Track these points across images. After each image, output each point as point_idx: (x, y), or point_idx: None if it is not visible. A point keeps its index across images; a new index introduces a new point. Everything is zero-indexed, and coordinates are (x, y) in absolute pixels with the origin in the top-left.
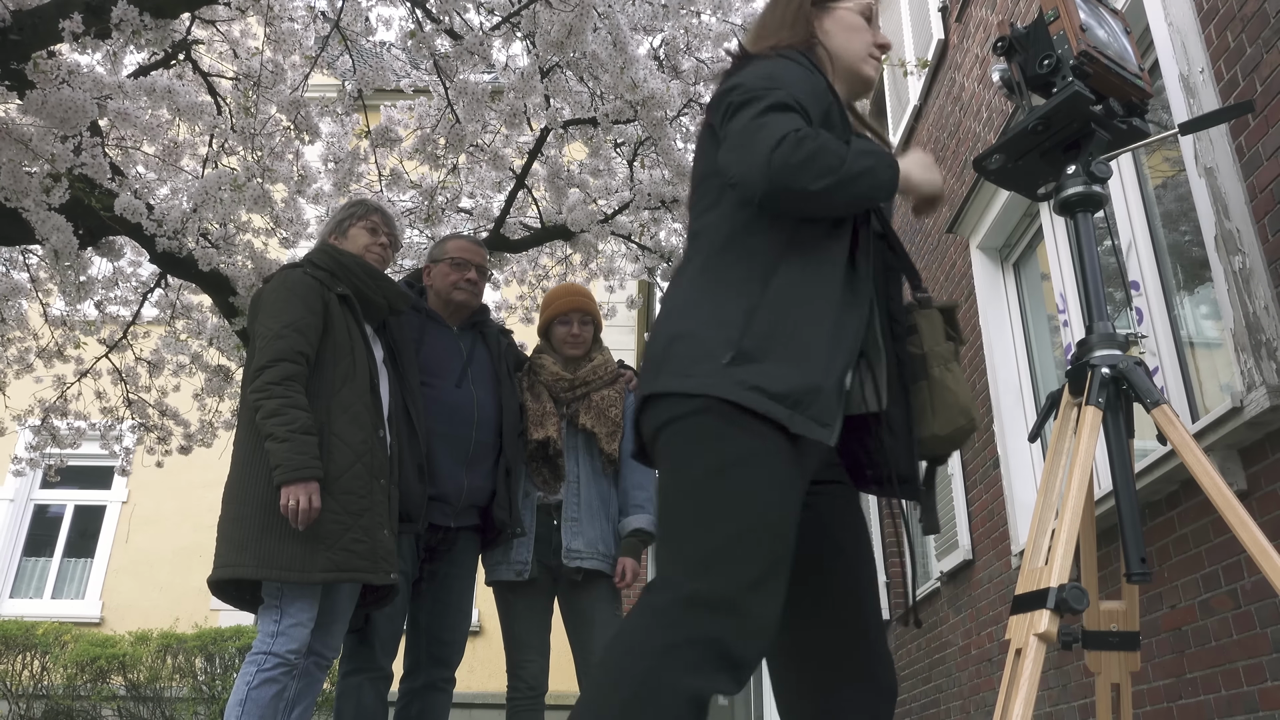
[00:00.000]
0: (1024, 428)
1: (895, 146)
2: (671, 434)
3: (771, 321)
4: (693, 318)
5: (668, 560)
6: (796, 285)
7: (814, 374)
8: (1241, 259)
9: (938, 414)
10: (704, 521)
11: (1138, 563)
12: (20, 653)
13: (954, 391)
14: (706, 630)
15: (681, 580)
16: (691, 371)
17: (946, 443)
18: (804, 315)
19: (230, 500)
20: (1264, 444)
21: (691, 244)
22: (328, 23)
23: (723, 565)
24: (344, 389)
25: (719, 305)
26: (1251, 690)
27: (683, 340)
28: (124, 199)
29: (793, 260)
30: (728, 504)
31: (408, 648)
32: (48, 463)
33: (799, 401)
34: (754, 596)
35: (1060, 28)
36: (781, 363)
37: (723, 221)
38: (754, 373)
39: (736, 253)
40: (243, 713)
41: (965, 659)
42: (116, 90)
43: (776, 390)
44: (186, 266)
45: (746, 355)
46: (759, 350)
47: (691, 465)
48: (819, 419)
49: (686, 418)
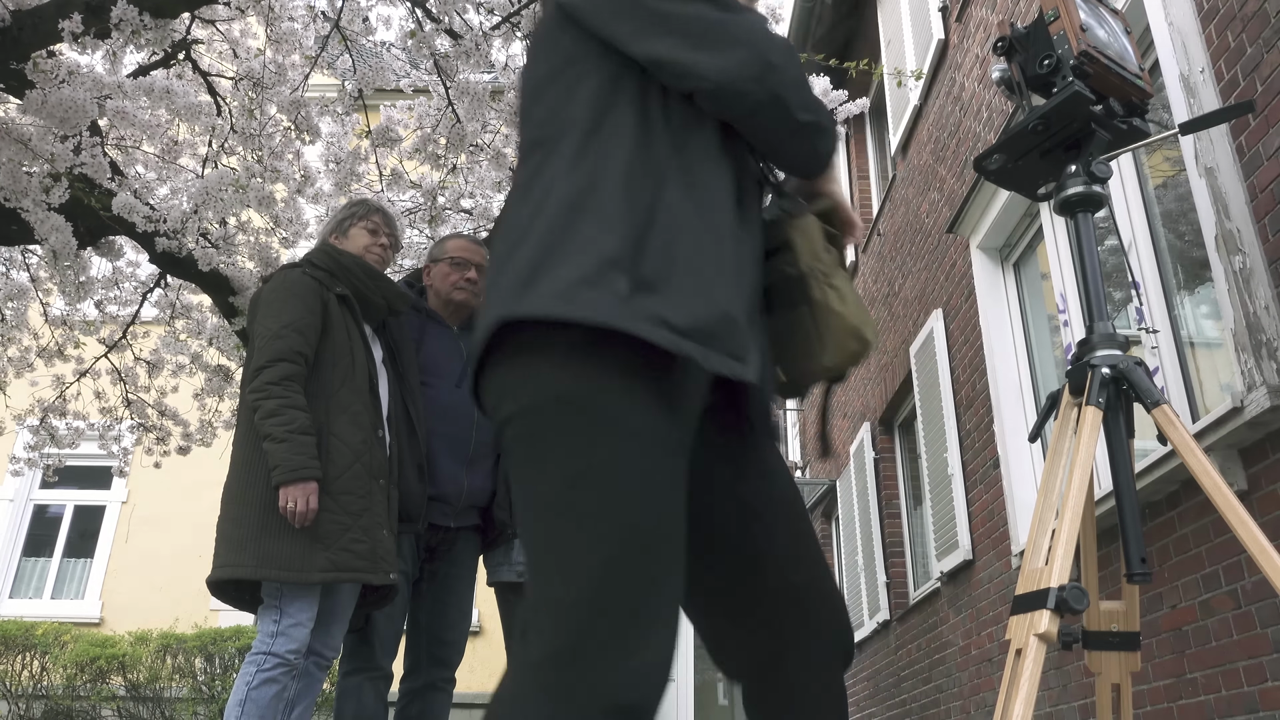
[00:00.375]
0: (1024, 428)
1: (895, 147)
2: (539, 389)
3: (666, 244)
4: (564, 235)
5: (536, 593)
6: (688, 206)
7: (722, 300)
8: (1242, 259)
9: (825, 342)
10: (580, 537)
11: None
12: (20, 653)
13: (839, 313)
14: (592, 690)
15: (553, 626)
16: (575, 296)
17: (837, 371)
18: (701, 239)
19: (229, 500)
20: (1264, 444)
21: (534, 152)
22: (328, 22)
23: (604, 598)
24: (343, 389)
25: (596, 224)
26: (1252, 690)
27: (555, 259)
28: (123, 199)
29: (680, 178)
30: (609, 506)
31: (408, 648)
32: (46, 463)
33: (712, 335)
34: (645, 629)
35: (1060, 28)
36: (684, 292)
37: (586, 124)
38: (656, 303)
39: (612, 163)
40: (242, 713)
41: (965, 659)
42: (116, 90)
43: (684, 323)
44: (186, 266)
45: (645, 284)
46: (658, 278)
47: (567, 450)
48: (736, 353)
49: (565, 365)
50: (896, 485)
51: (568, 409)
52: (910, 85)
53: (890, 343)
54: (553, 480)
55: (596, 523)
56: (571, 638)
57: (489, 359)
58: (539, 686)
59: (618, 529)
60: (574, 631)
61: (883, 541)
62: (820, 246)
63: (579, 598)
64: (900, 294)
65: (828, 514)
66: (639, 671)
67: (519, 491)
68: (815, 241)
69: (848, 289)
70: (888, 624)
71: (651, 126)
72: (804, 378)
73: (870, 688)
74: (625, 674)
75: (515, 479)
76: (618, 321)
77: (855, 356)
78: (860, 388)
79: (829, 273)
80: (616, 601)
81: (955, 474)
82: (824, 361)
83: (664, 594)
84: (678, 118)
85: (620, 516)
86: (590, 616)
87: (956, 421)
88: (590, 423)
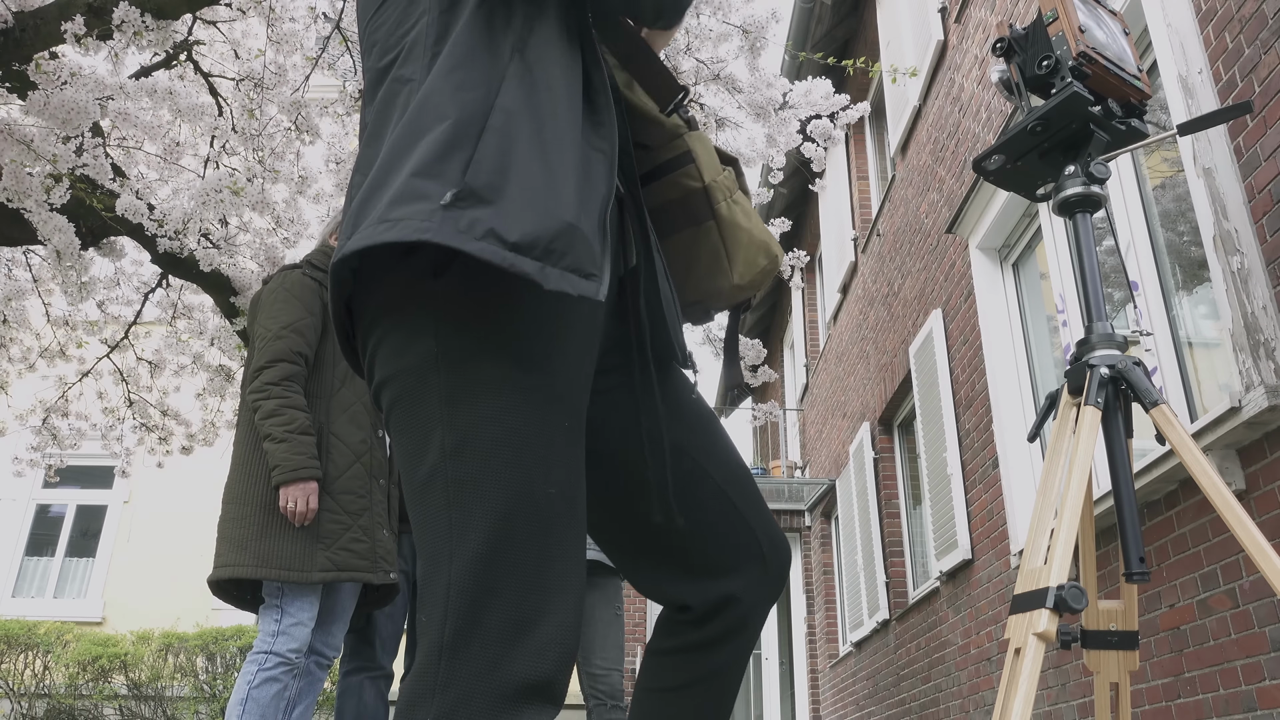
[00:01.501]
0: (1023, 428)
1: (894, 148)
2: (400, 348)
3: (499, 152)
4: (392, 155)
5: (423, 579)
6: (525, 111)
7: (564, 210)
8: (1240, 259)
9: (734, 259)
10: (455, 500)
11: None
12: (22, 652)
13: (746, 228)
14: (492, 674)
15: (443, 613)
16: (393, 216)
17: (749, 290)
18: (541, 146)
19: (230, 500)
20: (1262, 443)
21: (379, 83)
22: (328, 22)
23: (492, 576)
24: (343, 389)
25: (424, 135)
26: (1250, 689)
27: (383, 186)
28: (125, 199)
29: (519, 82)
30: (490, 475)
31: (409, 647)
32: (48, 463)
33: (550, 249)
34: (542, 600)
35: (1059, 29)
36: (519, 203)
37: (426, 42)
38: (485, 215)
39: (451, 72)
40: (244, 711)
41: (965, 658)
42: (118, 91)
43: (516, 237)
44: (188, 267)
45: (472, 194)
46: (488, 187)
47: (437, 416)
48: (579, 268)
49: (398, 297)
50: (896, 485)
51: (434, 369)
52: (909, 86)
53: (890, 343)
54: (428, 451)
55: (478, 495)
56: (463, 621)
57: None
58: (436, 680)
59: (502, 499)
60: (465, 614)
61: (882, 541)
62: (717, 160)
63: (466, 580)
64: (900, 294)
65: (827, 513)
66: (541, 646)
67: (399, 464)
68: (712, 154)
69: (749, 207)
70: (887, 623)
71: (494, 30)
72: (711, 298)
73: (870, 687)
74: (526, 651)
75: (395, 451)
76: (434, 235)
77: (765, 273)
78: (859, 388)
79: (730, 187)
80: (507, 578)
81: (954, 474)
82: (733, 279)
83: (561, 561)
84: (519, 17)
85: (503, 485)
86: (480, 597)
87: (956, 421)
88: (461, 383)
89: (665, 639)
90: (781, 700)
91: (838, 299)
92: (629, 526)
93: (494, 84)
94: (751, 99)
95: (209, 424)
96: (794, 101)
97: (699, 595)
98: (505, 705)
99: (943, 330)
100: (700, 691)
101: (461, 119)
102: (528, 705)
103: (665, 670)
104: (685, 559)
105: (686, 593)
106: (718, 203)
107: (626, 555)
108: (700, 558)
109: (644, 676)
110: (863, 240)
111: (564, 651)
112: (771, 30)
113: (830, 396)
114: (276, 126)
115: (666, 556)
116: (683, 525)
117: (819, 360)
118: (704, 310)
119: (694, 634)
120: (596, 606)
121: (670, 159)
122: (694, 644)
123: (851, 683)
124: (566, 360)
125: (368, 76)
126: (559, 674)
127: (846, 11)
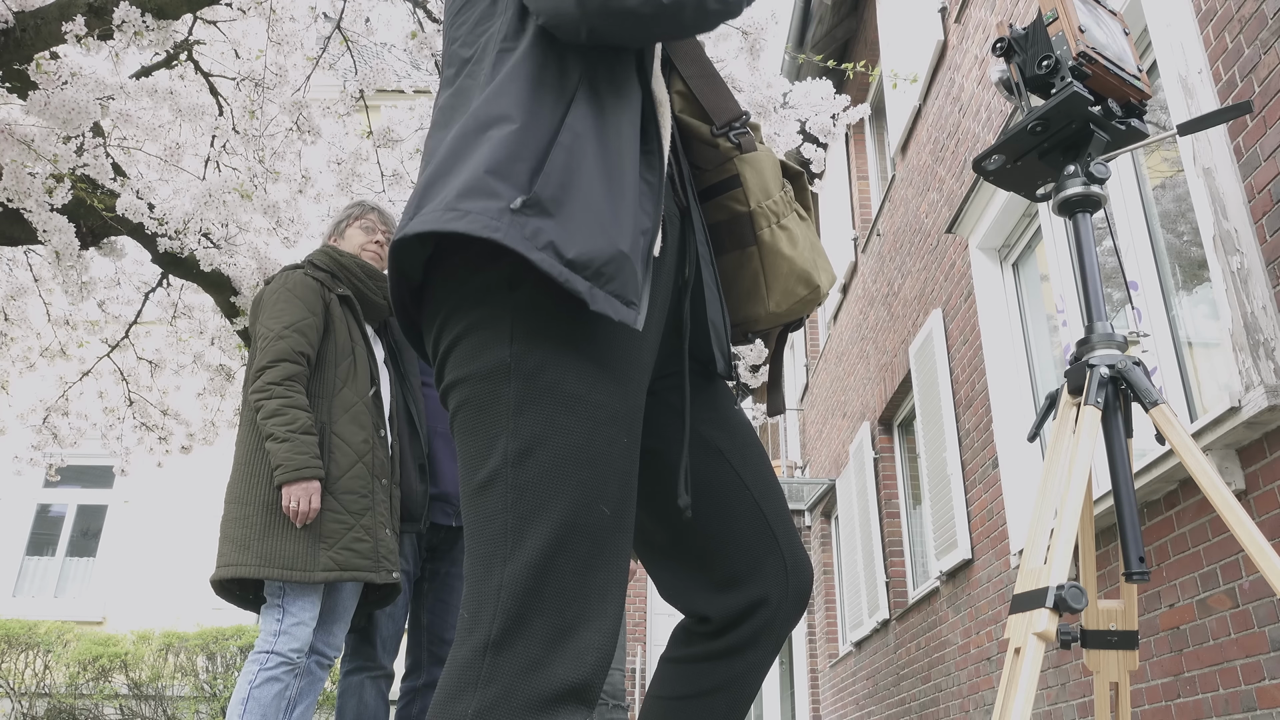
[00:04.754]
0: (1023, 428)
1: (894, 148)
2: (458, 335)
3: (567, 168)
4: (459, 145)
5: (470, 578)
6: (594, 131)
7: (619, 238)
8: (1239, 259)
9: (771, 287)
10: (514, 506)
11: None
12: (23, 651)
13: (788, 256)
14: (533, 674)
15: (490, 613)
16: (463, 207)
17: (784, 318)
18: (606, 169)
19: (232, 500)
20: (1262, 443)
21: (454, 75)
22: (329, 22)
23: (546, 575)
24: (345, 389)
25: (492, 133)
26: (1249, 689)
27: (449, 174)
28: (126, 199)
29: (588, 102)
30: (549, 484)
31: (409, 647)
32: (48, 462)
33: (600, 272)
34: (586, 606)
35: (1059, 29)
36: (579, 222)
37: (501, 43)
38: (548, 227)
39: (521, 81)
40: (245, 711)
41: (964, 658)
42: (118, 91)
43: (573, 254)
44: (188, 266)
45: (539, 204)
46: (553, 201)
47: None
48: (623, 294)
49: (477, 300)
50: (896, 485)
51: (506, 378)
52: (909, 86)
53: (890, 342)
54: (491, 455)
55: (537, 504)
56: (510, 621)
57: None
58: (479, 675)
59: (560, 510)
60: (513, 615)
61: (882, 541)
62: (773, 183)
63: (517, 584)
64: (899, 294)
65: (828, 513)
66: (581, 650)
67: (460, 464)
68: (766, 177)
69: (801, 231)
70: (887, 623)
71: (564, 48)
72: (748, 323)
73: (870, 686)
74: (566, 655)
75: (459, 451)
76: (503, 236)
77: (803, 304)
78: (859, 388)
79: (779, 212)
80: (556, 584)
81: (954, 473)
82: (769, 307)
83: (606, 570)
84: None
85: (562, 496)
86: (529, 600)
87: (955, 421)
88: (531, 394)
89: (680, 648)
90: (781, 699)
91: (838, 299)
92: (665, 525)
93: (562, 103)
94: (751, 99)
95: (209, 424)
96: (794, 102)
97: (719, 607)
98: (543, 705)
99: (943, 330)
100: (707, 703)
101: (530, 127)
102: (563, 706)
103: (678, 679)
104: (711, 565)
105: (708, 603)
106: (761, 229)
107: (657, 555)
108: (725, 567)
109: (656, 684)
110: (863, 240)
111: (602, 656)
112: (771, 31)
113: (830, 396)
114: (278, 127)
115: (694, 560)
116: (711, 529)
117: (819, 360)
118: (742, 333)
119: (709, 645)
120: None
121: (719, 181)
122: (708, 654)
123: (851, 682)
124: (629, 377)
125: (448, 64)
126: (596, 678)
127: (846, 12)
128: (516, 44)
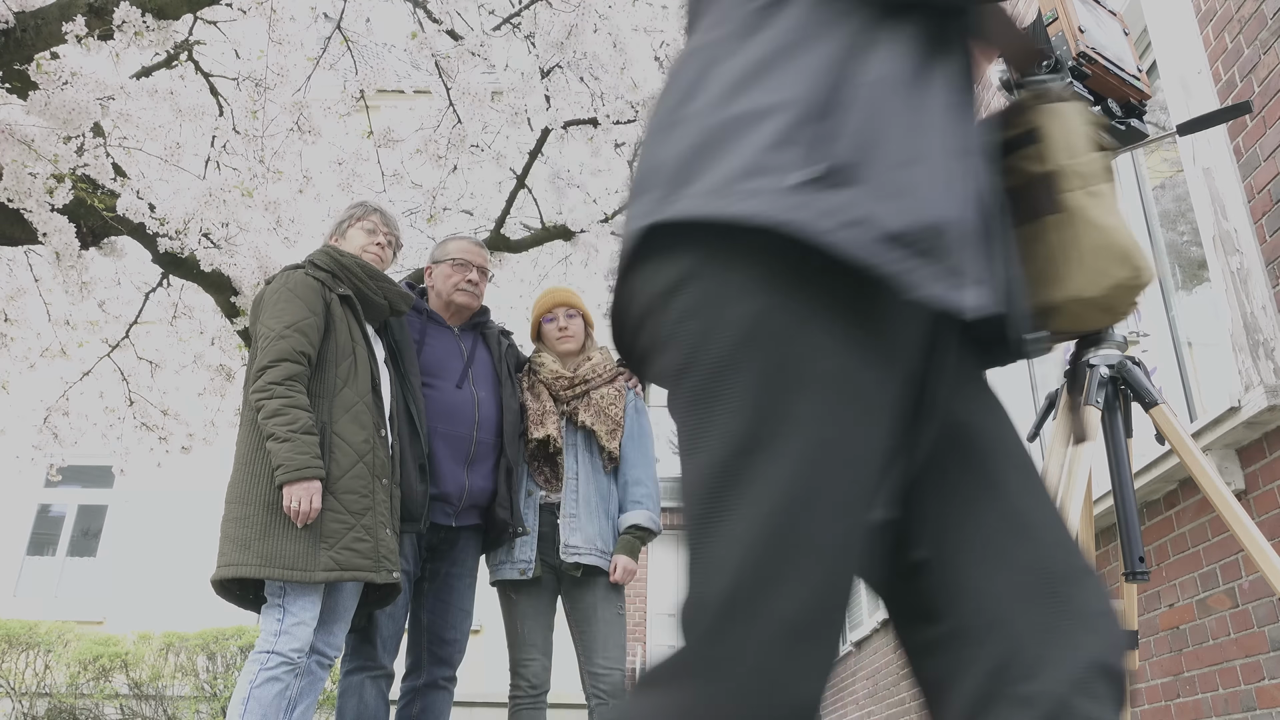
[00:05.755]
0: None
1: None
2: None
3: (867, 125)
4: (727, 119)
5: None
6: (894, 80)
7: (944, 204)
8: (1239, 259)
9: (1082, 264)
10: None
11: (1135, 562)
12: (23, 651)
13: (1103, 227)
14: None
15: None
16: (743, 189)
17: (1096, 308)
18: (912, 121)
19: (233, 500)
20: (1261, 443)
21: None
22: (329, 22)
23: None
24: (345, 389)
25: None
26: (1249, 688)
27: (714, 149)
28: (126, 199)
29: (884, 48)
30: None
31: (410, 646)
32: (49, 462)
33: (930, 248)
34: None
35: (1059, 29)
36: (889, 187)
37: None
38: (852, 199)
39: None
40: (245, 711)
41: None
42: (119, 91)
43: (892, 226)
44: (188, 267)
45: (838, 173)
46: (855, 166)
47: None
48: (960, 271)
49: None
50: None
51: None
52: None
53: None
54: (718, 448)
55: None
56: (730, 640)
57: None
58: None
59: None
60: (733, 634)
61: None
62: (1084, 140)
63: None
64: None
65: None
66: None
67: (680, 443)
68: (1075, 135)
69: (1113, 202)
70: (887, 623)
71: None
72: (1043, 313)
73: (870, 686)
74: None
75: (679, 441)
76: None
77: (1121, 290)
78: None
79: (1092, 174)
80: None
81: None
82: (1070, 290)
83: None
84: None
85: (800, 495)
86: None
87: None
88: (773, 381)
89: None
90: None
91: None
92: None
93: (847, 52)
94: None
95: (209, 424)
96: None
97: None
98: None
99: None
100: None
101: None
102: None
103: None
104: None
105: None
106: (1068, 191)
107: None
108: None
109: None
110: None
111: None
112: None
113: None
114: (278, 127)
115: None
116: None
117: None
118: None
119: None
120: (598, 606)
121: (1011, 138)
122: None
123: (851, 682)
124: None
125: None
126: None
127: None
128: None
